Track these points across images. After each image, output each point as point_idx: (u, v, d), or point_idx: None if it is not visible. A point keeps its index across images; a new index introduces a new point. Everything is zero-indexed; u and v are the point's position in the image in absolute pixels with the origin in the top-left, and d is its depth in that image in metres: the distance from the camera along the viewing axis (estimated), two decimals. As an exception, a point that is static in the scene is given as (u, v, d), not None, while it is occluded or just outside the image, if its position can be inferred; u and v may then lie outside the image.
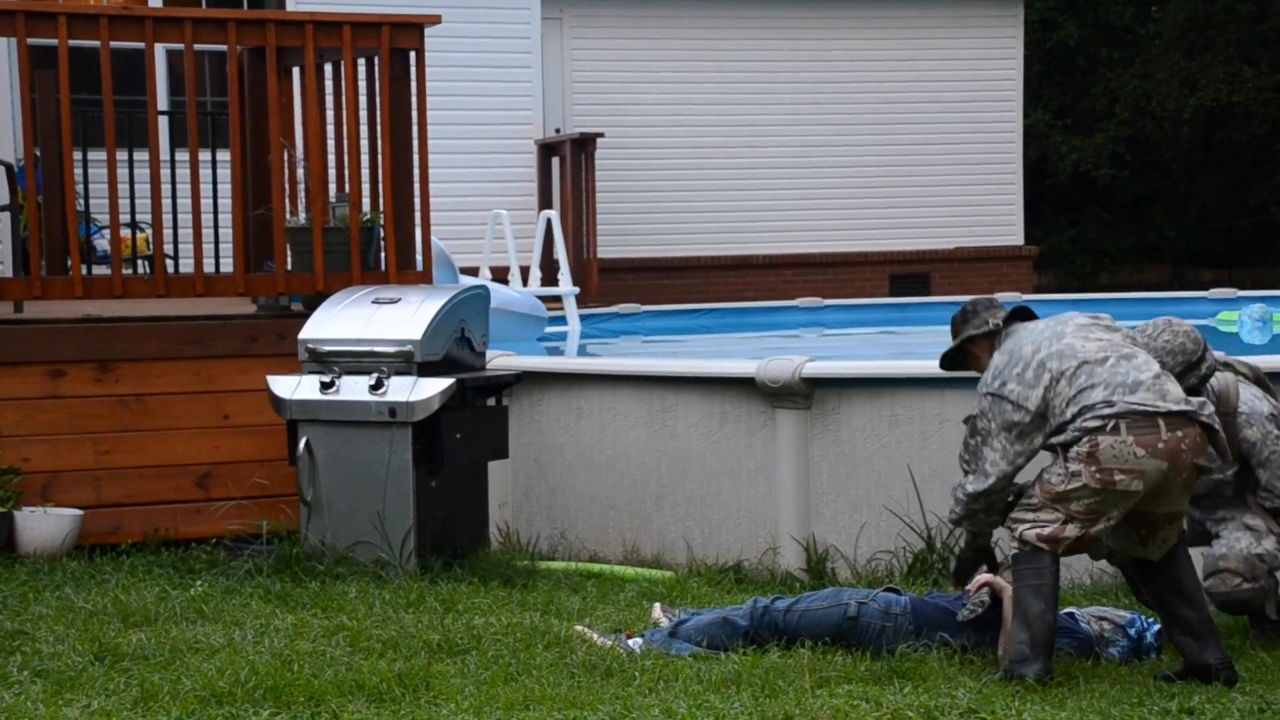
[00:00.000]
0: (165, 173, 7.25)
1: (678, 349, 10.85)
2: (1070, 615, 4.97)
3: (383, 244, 7.03)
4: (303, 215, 7.01)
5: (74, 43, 6.56)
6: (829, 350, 10.76)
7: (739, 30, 13.95)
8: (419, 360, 6.03)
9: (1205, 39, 21.55)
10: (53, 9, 6.47)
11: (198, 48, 6.80)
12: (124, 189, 8.18)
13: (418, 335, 6.04)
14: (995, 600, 4.76)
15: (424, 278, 7.09)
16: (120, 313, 6.89)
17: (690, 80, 13.82)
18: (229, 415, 6.66)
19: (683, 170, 13.76)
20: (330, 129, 7.18)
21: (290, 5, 11.50)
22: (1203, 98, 20.94)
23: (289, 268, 6.94)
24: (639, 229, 13.49)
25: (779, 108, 14.05)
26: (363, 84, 7.06)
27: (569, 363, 8.73)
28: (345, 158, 7.07)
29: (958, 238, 14.65)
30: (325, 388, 6.08)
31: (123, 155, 7.63)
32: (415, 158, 7.01)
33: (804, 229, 14.14)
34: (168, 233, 8.64)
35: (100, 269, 8.93)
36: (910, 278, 14.40)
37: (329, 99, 7.18)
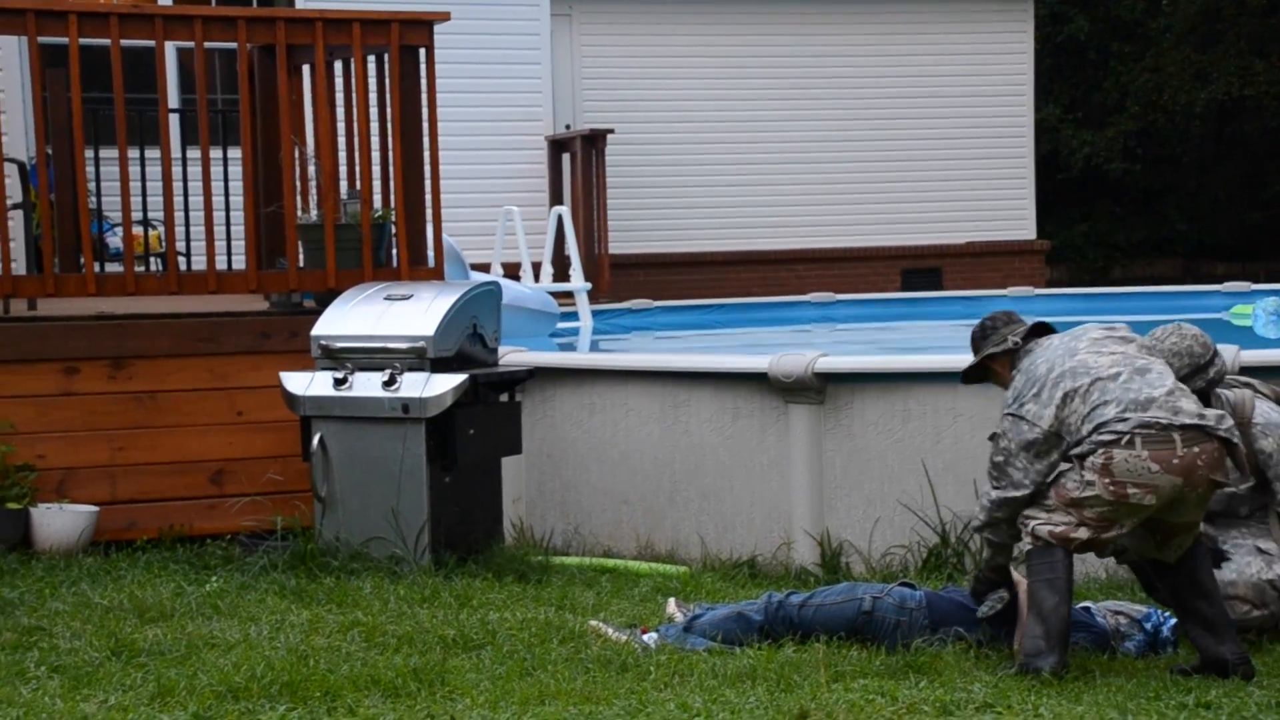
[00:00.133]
0: (177, 170, 7.28)
1: (690, 344, 10.85)
2: (1086, 610, 4.96)
3: (394, 240, 7.04)
4: (314, 212, 7.02)
5: (84, 41, 6.57)
6: (841, 345, 10.75)
7: (749, 26, 13.93)
8: (432, 356, 6.03)
9: (1216, 32, 21.50)
10: (63, 7, 6.48)
11: (208, 45, 6.81)
12: (136, 186, 8.17)
13: (430, 331, 6.05)
14: (1013, 596, 4.75)
15: (436, 274, 7.09)
16: (133, 310, 6.90)
17: (701, 75, 13.81)
18: (242, 412, 6.67)
19: (694, 166, 13.76)
20: (341, 126, 7.18)
21: (300, 3, 11.52)
22: (1214, 91, 20.90)
23: (301, 264, 6.95)
24: (650, 225, 13.50)
25: (790, 103, 14.04)
26: (373, 81, 7.06)
27: (581, 358, 8.74)
28: (356, 154, 7.07)
29: (969, 232, 14.63)
30: (338, 384, 6.09)
31: (134, 153, 7.65)
32: (426, 154, 7.01)
33: (816, 224, 14.13)
34: (180, 230, 8.66)
35: (113, 266, 8.94)
36: (922, 272, 14.38)
37: (339, 96, 7.19)
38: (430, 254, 7.16)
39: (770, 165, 13.98)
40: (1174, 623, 4.92)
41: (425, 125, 6.99)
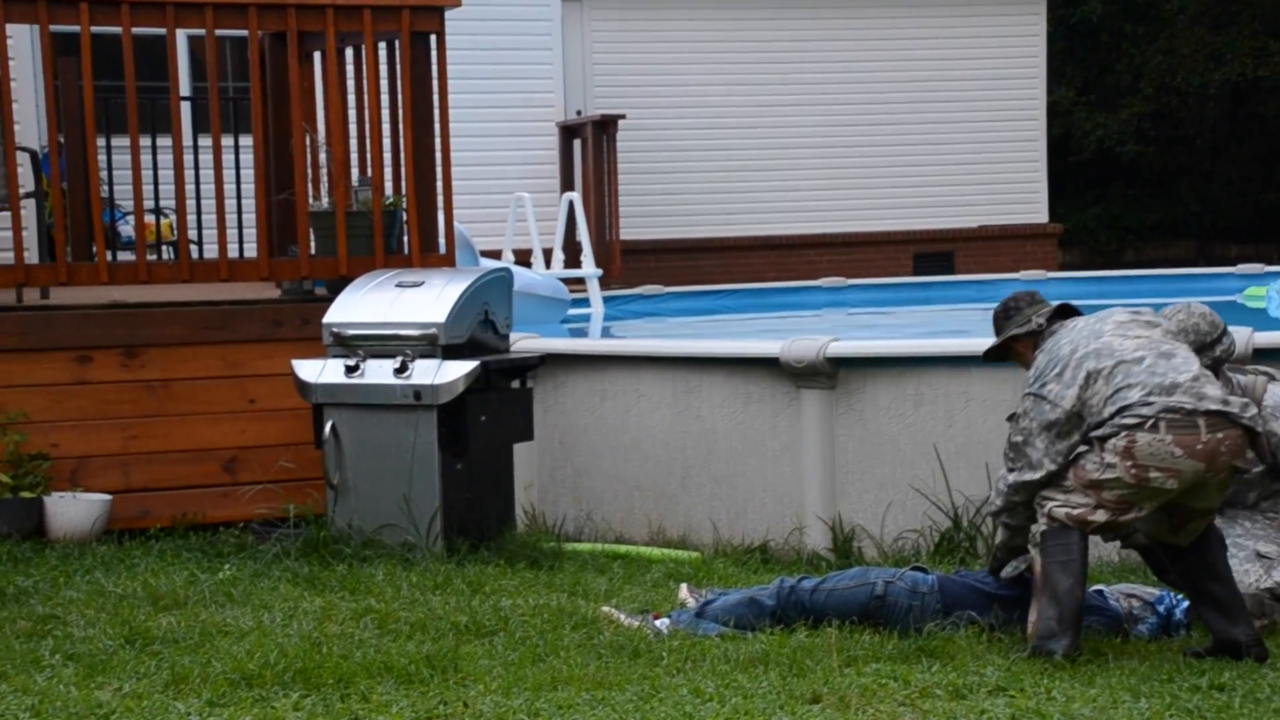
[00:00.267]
0: (188, 158, 7.27)
1: (701, 330, 10.84)
2: (1099, 593, 4.95)
3: (405, 227, 7.04)
4: (325, 199, 7.02)
5: (96, 29, 6.57)
6: (853, 330, 10.74)
7: (760, 10, 13.90)
8: (443, 343, 6.04)
9: (1230, 13, 21.39)
10: (74, -5, 6.48)
11: (219, 33, 6.81)
12: (147, 175, 8.19)
13: (442, 318, 6.05)
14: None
15: (447, 261, 7.09)
16: (145, 298, 6.91)
17: (712, 60, 13.78)
18: (254, 400, 6.68)
19: (705, 151, 13.73)
20: (352, 113, 7.18)
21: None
22: (1228, 72, 20.81)
23: (312, 252, 6.95)
24: (662, 210, 13.48)
25: (801, 87, 14.00)
26: (384, 68, 7.06)
27: (593, 344, 8.73)
28: (367, 141, 7.07)
29: (981, 216, 14.59)
30: (350, 371, 6.10)
31: (146, 141, 7.67)
32: (437, 141, 7.01)
33: (827, 209, 14.10)
34: (191, 218, 8.68)
35: (125, 255, 8.96)
36: (934, 256, 14.35)
37: (350, 83, 7.19)
38: (442, 241, 7.17)
39: (781, 150, 13.95)
40: (1187, 606, 4.91)
41: (436, 112, 6.99)
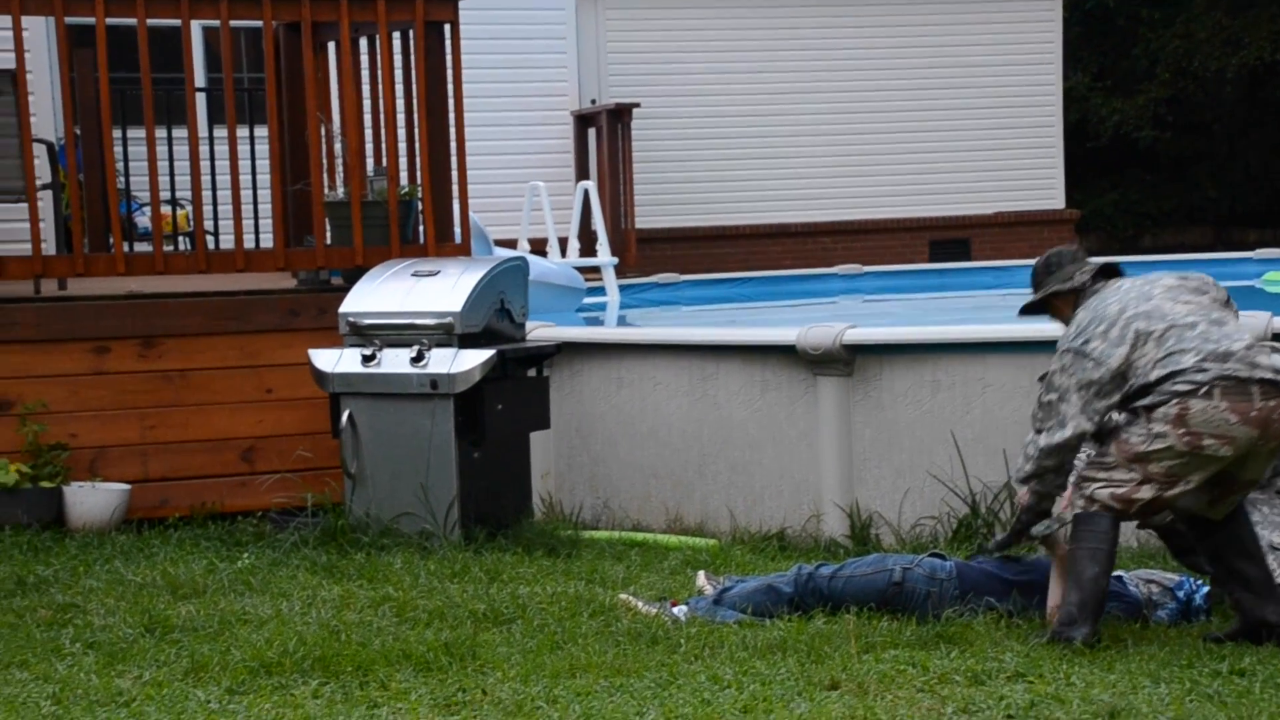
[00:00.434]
0: (204, 149, 7.29)
1: (717, 318, 10.83)
2: (1118, 578, 4.93)
3: (420, 217, 7.04)
4: (341, 190, 7.03)
5: (111, 21, 6.59)
6: (869, 317, 10.72)
7: (774, -2, 13.86)
8: (459, 332, 6.04)
9: (1248, -3, 21.25)
10: (90, -13, 6.50)
11: (234, 24, 6.82)
12: (163, 166, 8.20)
13: (458, 307, 6.05)
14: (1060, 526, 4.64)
15: (463, 250, 7.10)
16: (162, 289, 6.93)
17: (726, 48, 13.74)
18: (272, 389, 6.70)
19: (720, 139, 13.70)
20: (366, 103, 7.18)
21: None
22: (1246, 57, 20.67)
23: (328, 242, 6.96)
24: (677, 199, 13.45)
25: (816, 74, 13.96)
26: (398, 57, 7.06)
27: (609, 333, 8.73)
28: (382, 131, 7.07)
29: (998, 202, 14.54)
30: (367, 360, 6.10)
31: (162, 133, 7.68)
32: (452, 130, 7.01)
33: (842, 196, 14.06)
34: (207, 209, 8.69)
35: (142, 246, 8.98)
36: (950, 243, 14.30)
37: (365, 73, 7.19)
38: (457, 230, 7.17)
39: (796, 138, 13.91)
40: (1206, 590, 4.90)
41: (451, 101, 6.99)
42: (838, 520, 6.20)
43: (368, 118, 7.17)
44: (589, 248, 11.07)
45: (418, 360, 6.01)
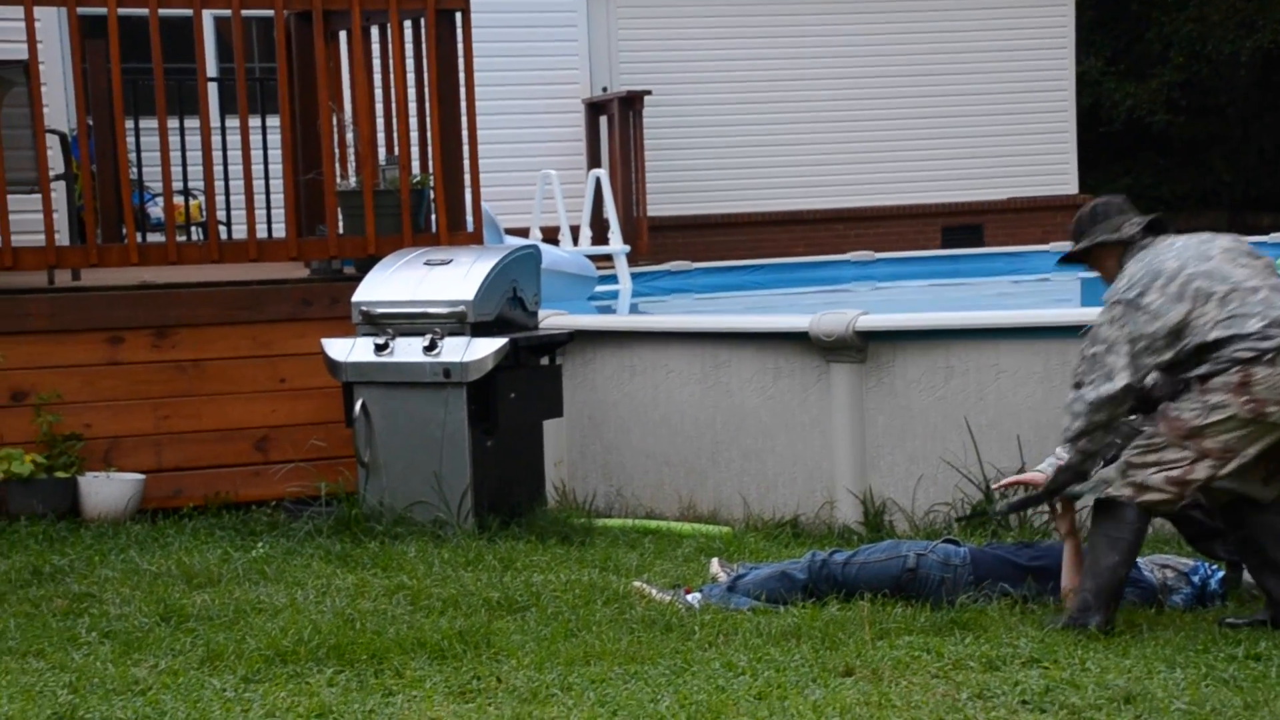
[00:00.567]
0: (216, 139, 7.29)
1: (729, 305, 10.82)
2: (1134, 564, 4.93)
3: (433, 206, 7.04)
4: (353, 179, 7.03)
5: (123, 11, 6.59)
6: (882, 303, 10.70)
7: (785, -16, 13.81)
8: (472, 321, 6.05)
9: (1262, -21, 21.15)
10: (101, -23, 6.50)
11: (245, 14, 6.82)
12: (176, 156, 8.22)
13: (470, 296, 6.05)
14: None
15: (475, 238, 7.10)
16: (175, 279, 6.94)
17: (737, 35, 13.71)
18: (285, 379, 6.71)
19: (731, 126, 13.67)
20: (378, 92, 7.18)
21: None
22: (1260, 39, 20.58)
23: (340, 231, 6.96)
24: (688, 186, 13.43)
25: (827, 60, 13.92)
26: (409, 46, 7.05)
27: (621, 321, 8.72)
28: (394, 120, 7.07)
29: (1010, 188, 14.50)
30: (379, 350, 6.11)
31: (174, 123, 7.69)
32: (463, 119, 7.01)
33: (854, 183, 14.03)
34: (220, 199, 8.69)
35: (154, 236, 8.99)
36: (962, 229, 14.26)
37: (376, 62, 7.18)
38: (469, 218, 7.17)
39: (808, 124, 13.87)
40: (1221, 576, 4.89)
41: (462, 90, 6.98)
42: (851, 507, 6.20)
43: (379, 106, 7.17)
44: (601, 236, 11.06)
45: (430, 349, 6.02)
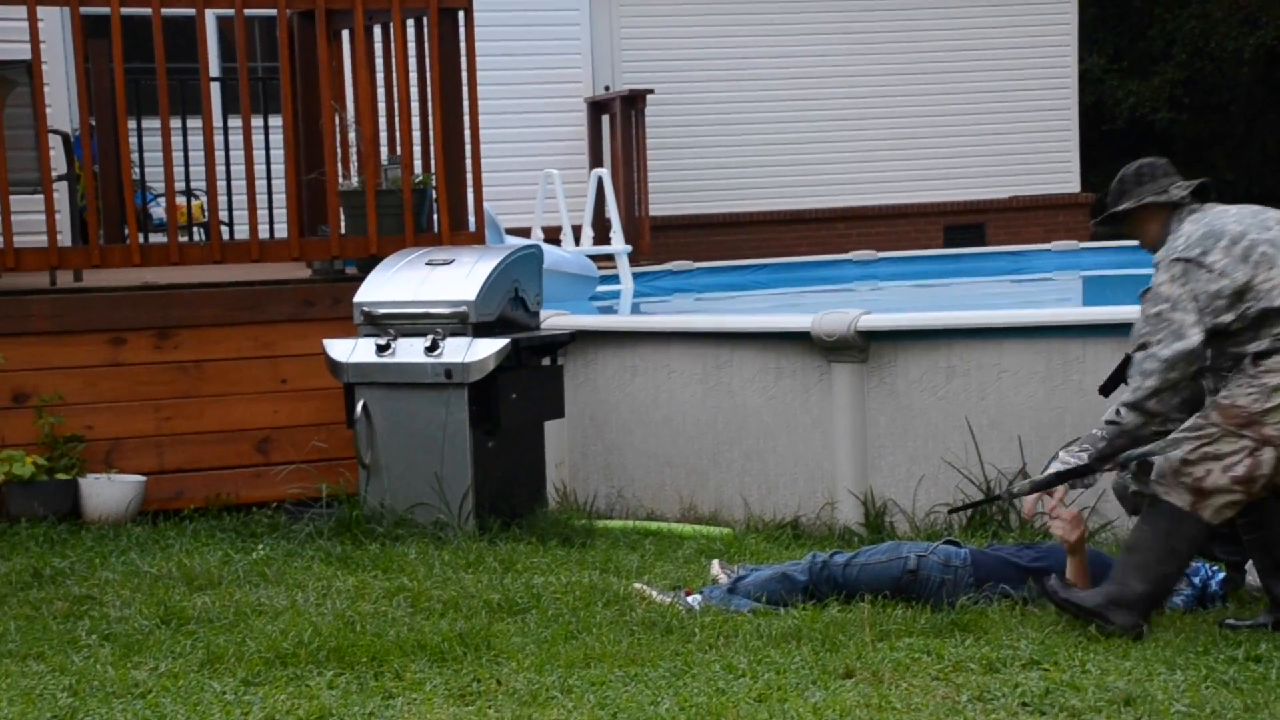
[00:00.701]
0: (218, 139, 7.30)
1: (731, 305, 10.82)
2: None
3: (435, 205, 7.04)
4: (355, 178, 7.03)
5: (126, 11, 6.59)
6: (884, 303, 10.70)
7: (788, -18, 13.81)
8: (474, 321, 6.05)
9: (1265, -24, 21.12)
10: (103, -22, 6.50)
11: (248, 13, 6.82)
12: (178, 156, 8.22)
13: (472, 296, 6.05)
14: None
15: (477, 238, 7.10)
16: (177, 280, 6.94)
17: (740, 34, 13.70)
18: (287, 380, 6.71)
19: (734, 125, 13.67)
20: (380, 91, 7.18)
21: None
22: (1263, 36, 20.56)
23: (342, 231, 6.96)
24: (690, 186, 13.43)
25: (829, 60, 13.92)
26: (412, 45, 7.05)
27: (623, 321, 8.72)
28: (396, 119, 7.07)
29: (1013, 187, 14.49)
30: (381, 350, 6.11)
31: (176, 123, 7.69)
32: (466, 118, 7.01)
33: (856, 182, 14.03)
34: (222, 199, 8.70)
35: (157, 237, 9.00)
36: (965, 228, 14.26)
37: (379, 61, 7.18)
38: (471, 218, 7.17)
39: (810, 124, 13.87)
40: (1222, 577, 4.89)
41: (465, 89, 6.98)
42: (852, 508, 6.19)
43: (382, 106, 7.16)
44: (603, 235, 11.06)
45: (432, 350, 6.02)
